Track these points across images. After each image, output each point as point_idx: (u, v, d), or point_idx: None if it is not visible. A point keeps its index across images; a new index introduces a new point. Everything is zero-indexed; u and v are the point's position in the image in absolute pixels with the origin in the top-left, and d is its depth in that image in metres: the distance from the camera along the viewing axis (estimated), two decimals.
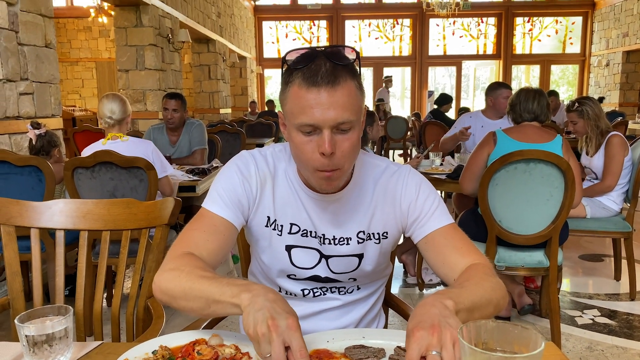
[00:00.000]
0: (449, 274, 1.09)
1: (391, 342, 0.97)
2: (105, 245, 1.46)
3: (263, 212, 1.16)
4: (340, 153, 1.00)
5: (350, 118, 0.99)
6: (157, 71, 6.61)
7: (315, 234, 1.16)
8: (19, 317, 0.93)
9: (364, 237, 1.17)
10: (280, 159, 1.18)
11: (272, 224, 1.17)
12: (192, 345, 0.94)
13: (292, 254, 1.18)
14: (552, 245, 2.46)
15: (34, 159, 2.76)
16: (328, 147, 0.97)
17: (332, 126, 0.98)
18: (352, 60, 1.01)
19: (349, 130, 1.00)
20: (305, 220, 1.16)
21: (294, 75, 1.00)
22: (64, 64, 12.27)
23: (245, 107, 12.15)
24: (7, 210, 1.44)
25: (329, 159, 0.99)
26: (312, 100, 0.96)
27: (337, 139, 0.99)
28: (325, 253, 1.18)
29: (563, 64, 14.59)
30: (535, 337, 0.61)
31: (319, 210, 1.15)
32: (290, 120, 1.02)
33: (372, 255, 1.19)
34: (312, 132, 0.99)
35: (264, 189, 1.16)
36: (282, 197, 1.16)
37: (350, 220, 1.16)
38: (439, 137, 5.28)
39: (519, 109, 2.68)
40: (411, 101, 14.51)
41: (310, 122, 0.97)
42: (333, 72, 0.97)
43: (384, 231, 1.18)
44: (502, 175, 2.41)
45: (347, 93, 0.98)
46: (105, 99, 3.01)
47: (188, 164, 3.87)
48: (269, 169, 1.16)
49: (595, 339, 2.66)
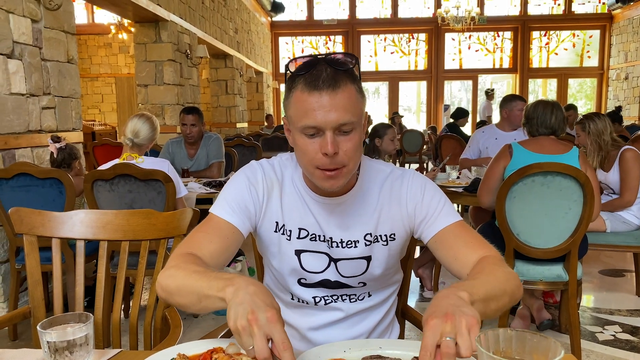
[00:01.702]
0: (462, 269, 1.09)
1: (408, 353, 0.97)
2: (125, 256, 1.48)
3: (271, 217, 1.19)
4: (344, 153, 1.04)
5: (352, 119, 1.02)
6: (175, 86, 6.71)
7: (324, 238, 1.18)
8: (41, 323, 0.95)
9: (371, 240, 1.19)
10: (287, 167, 1.22)
11: (281, 229, 1.19)
12: (210, 354, 0.94)
13: (302, 258, 1.20)
14: (572, 259, 2.43)
15: (55, 172, 2.82)
16: (331, 148, 1.01)
17: (334, 127, 1.01)
18: (352, 66, 1.06)
19: (351, 132, 1.04)
20: (313, 224, 1.18)
21: (296, 81, 1.04)
22: (84, 80, 12.51)
23: (262, 121, 12.25)
24: (29, 221, 1.47)
25: (331, 159, 1.02)
26: (315, 103, 1.01)
27: (339, 140, 1.03)
28: (333, 256, 1.19)
29: (581, 77, 14.48)
30: (555, 346, 0.60)
31: (325, 214, 1.17)
32: (294, 124, 1.06)
33: (380, 257, 1.20)
34: (315, 134, 1.03)
35: (271, 195, 1.19)
36: (290, 202, 1.19)
37: (357, 223, 1.18)
38: (456, 151, 5.28)
39: (536, 122, 2.66)
40: (427, 115, 14.49)
41: (313, 124, 1.01)
42: (334, 77, 1.01)
43: (391, 233, 1.19)
44: (520, 188, 2.39)
45: (348, 96, 1.02)
46: (135, 117, 2.95)
47: (205, 176, 3.91)
48: (276, 176, 1.20)
49: (617, 356, 2.60)
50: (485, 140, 4.06)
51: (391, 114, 11.73)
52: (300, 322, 1.26)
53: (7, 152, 3.19)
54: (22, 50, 3.32)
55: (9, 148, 3.20)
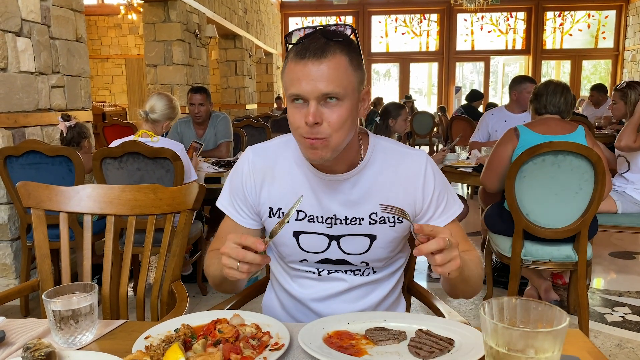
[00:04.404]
0: None
1: (412, 325, 0.96)
2: (131, 230, 1.49)
3: (265, 204, 1.21)
4: (327, 124, 1.03)
5: (336, 90, 1.01)
6: (184, 66, 6.69)
7: (323, 219, 1.17)
8: (46, 292, 0.95)
9: (377, 220, 1.17)
10: (285, 148, 1.21)
11: (277, 213, 1.20)
12: (214, 324, 0.95)
13: (300, 239, 1.20)
14: (581, 240, 2.41)
15: (64, 149, 2.83)
16: (311, 118, 1.00)
17: (317, 97, 1.01)
18: (347, 36, 1.04)
19: (337, 104, 1.02)
20: (313, 205, 1.17)
21: (290, 51, 1.05)
22: (94, 61, 12.53)
23: (271, 104, 12.21)
24: (37, 195, 1.48)
25: (313, 128, 1.02)
26: (300, 72, 1.01)
27: (323, 110, 1.02)
28: (335, 234, 1.18)
29: (595, 59, 14.22)
30: (560, 315, 0.59)
31: (329, 191, 1.16)
32: (286, 93, 1.07)
33: (385, 238, 1.19)
34: (301, 102, 1.03)
35: (263, 183, 1.20)
36: (285, 185, 1.19)
37: (363, 202, 1.16)
38: (466, 132, 5.23)
39: (545, 100, 2.62)
40: (438, 97, 14.36)
41: (297, 92, 1.02)
42: (322, 47, 1.01)
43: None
44: (530, 167, 2.36)
45: (335, 66, 1.01)
46: (155, 95, 3.03)
47: (214, 156, 3.91)
48: (267, 162, 1.21)
49: (625, 337, 2.59)
50: (494, 123, 4.01)
51: (402, 98, 11.62)
52: (304, 293, 1.26)
53: (17, 130, 3.20)
54: (30, 28, 3.31)
55: (19, 126, 3.21)
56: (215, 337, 0.90)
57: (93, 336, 0.98)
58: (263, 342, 0.90)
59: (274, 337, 0.93)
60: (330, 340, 0.92)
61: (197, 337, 0.92)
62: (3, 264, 3.21)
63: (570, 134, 2.49)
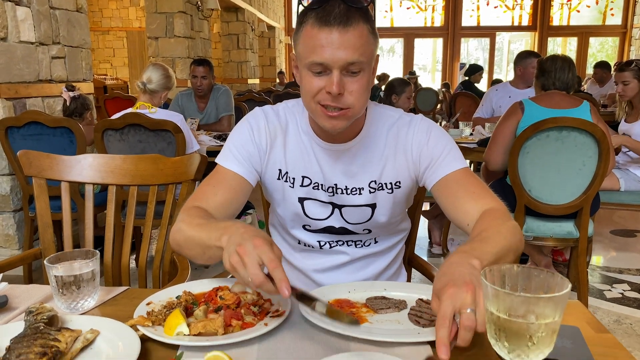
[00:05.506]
0: (463, 218, 1.07)
1: (412, 295, 0.96)
2: (133, 201, 1.49)
3: (274, 165, 1.18)
4: (349, 94, 1.00)
5: (360, 59, 0.98)
6: (186, 39, 6.61)
7: (326, 187, 1.17)
8: (48, 258, 0.96)
9: (376, 187, 1.17)
10: (293, 113, 1.19)
11: (284, 177, 1.18)
12: (215, 291, 0.95)
13: (305, 205, 1.19)
14: (583, 216, 2.40)
15: (66, 121, 2.81)
16: (336, 88, 0.97)
17: (341, 67, 0.97)
18: (367, 4, 1.01)
19: (359, 73, 1.00)
20: (317, 172, 1.17)
21: (307, 16, 1.00)
22: (95, 33, 12.39)
23: (273, 79, 12.10)
24: (38, 163, 1.47)
25: (335, 98, 0.99)
26: (324, 40, 0.97)
27: (346, 80, 0.99)
28: (337, 203, 1.18)
29: (602, 36, 14.02)
30: (562, 282, 0.59)
31: (330, 161, 1.16)
32: (302, 61, 1.02)
33: (385, 205, 1.18)
34: (322, 72, 0.99)
35: (275, 143, 1.17)
36: (294, 150, 1.17)
37: (362, 171, 1.16)
38: (470, 108, 5.19)
39: (553, 76, 2.58)
40: (442, 74, 14.21)
41: (320, 60, 0.97)
42: (346, 14, 0.97)
43: (396, 181, 1.17)
44: (534, 143, 2.35)
45: (359, 35, 0.98)
46: (150, 65, 3.01)
47: (215, 130, 3.89)
48: (279, 123, 1.18)
49: (624, 313, 2.61)
50: (498, 98, 3.97)
51: (406, 74, 11.50)
52: (306, 264, 1.27)
53: (18, 101, 3.18)
54: None
55: (20, 97, 3.19)
56: (216, 304, 0.90)
57: (95, 302, 0.98)
58: (264, 309, 0.91)
59: (275, 304, 0.93)
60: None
61: (199, 303, 0.92)
62: (6, 234, 3.22)
63: (576, 109, 2.46)
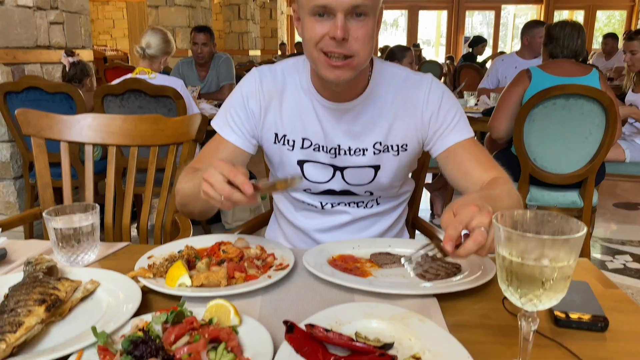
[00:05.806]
0: (471, 187, 1.07)
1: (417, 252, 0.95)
2: (133, 162, 1.46)
3: (270, 129, 1.16)
4: (354, 39, 0.96)
5: (366, 2, 0.93)
6: (186, 8, 6.51)
7: (328, 149, 1.13)
8: (46, 211, 0.94)
9: (381, 149, 1.13)
10: (293, 72, 1.15)
11: (282, 140, 1.15)
12: (218, 246, 0.93)
13: (305, 168, 1.16)
14: (588, 186, 2.38)
15: (65, 86, 2.78)
16: (340, 32, 0.93)
17: (346, 10, 0.93)
18: None
19: (364, 17, 0.95)
20: (318, 133, 1.13)
21: None
22: (94, 4, 12.20)
23: (275, 50, 11.95)
24: (37, 123, 1.44)
25: (339, 44, 0.95)
26: None
27: (350, 25, 0.95)
28: (339, 165, 1.15)
29: (610, 9, 13.78)
30: (577, 225, 0.57)
31: (333, 121, 1.12)
32: (304, 7, 0.97)
33: (389, 167, 1.16)
34: (325, 15, 0.95)
35: (269, 106, 1.14)
36: (292, 111, 1.14)
37: (367, 131, 1.12)
38: (474, 80, 5.13)
39: (562, 43, 2.53)
40: (446, 48, 14.01)
41: (323, 3, 0.93)
42: None
43: (403, 143, 1.14)
44: (540, 111, 2.31)
45: None
46: (149, 30, 2.97)
47: (216, 99, 3.85)
48: (276, 86, 1.14)
49: (625, 283, 2.61)
50: (504, 69, 3.91)
51: (410, 47, 11.34)
52: (308, 224, 1.25)
53: (17, 66, 3.13)
54: None
55: (18, 63, 3.14)
56: (219, 257, 0.89)
57: (95, 256, 0.97)
58: (267, 262, 0.89)
59: (278, 258, 0.92)
60: (335, 263, 0.91)
61: (201, 257, 0.91)
62: (7, 201, 3.21)
63: (584, 77, 2.42)
